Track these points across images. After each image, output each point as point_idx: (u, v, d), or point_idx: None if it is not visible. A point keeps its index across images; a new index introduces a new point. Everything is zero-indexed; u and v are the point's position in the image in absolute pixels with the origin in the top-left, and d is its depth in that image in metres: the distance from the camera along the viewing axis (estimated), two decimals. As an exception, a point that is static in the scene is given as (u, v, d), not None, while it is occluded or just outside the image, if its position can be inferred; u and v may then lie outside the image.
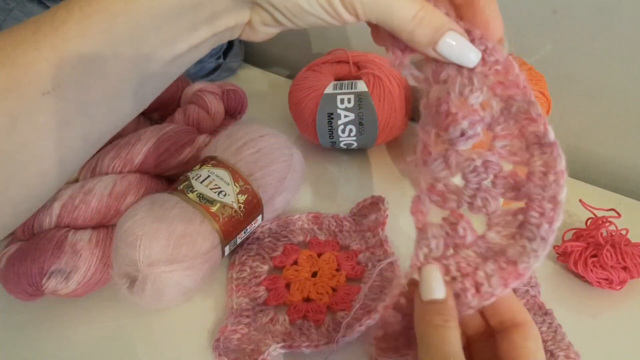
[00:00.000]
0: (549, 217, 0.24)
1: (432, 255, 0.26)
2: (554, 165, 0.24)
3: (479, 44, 0.26)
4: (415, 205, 0.27)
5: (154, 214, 0.41)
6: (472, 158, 0.25)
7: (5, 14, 0.49)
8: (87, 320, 0.43)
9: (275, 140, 0.48)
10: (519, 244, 0.24)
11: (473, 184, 0.26)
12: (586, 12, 0.50)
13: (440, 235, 0.26)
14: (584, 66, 0.53)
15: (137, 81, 0.27)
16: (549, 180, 0.24)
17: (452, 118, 0.25)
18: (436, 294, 0.24)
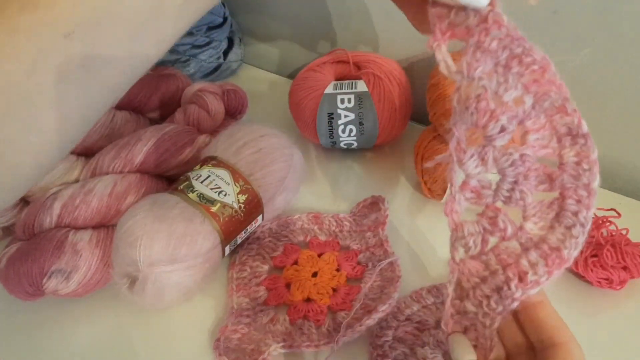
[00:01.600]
0: (586, 204, 0.25)
1: (471, 253, 0.26)
2: (588, 155, 0.25)
3: (517, 45, 0.26)
4: (450, 205, 0.27)
5: (155, 214, 0.41)
6: (510, 152, 0.26)
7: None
8: (87, 320, 0.43)
9: (275, 140, 0.48)
10: (559, 232, 0.25)
11: (511, 178, 0.26)
12: (586, 12, 0.50)
13: (478, 232, 0.26)
14: (584, 66, 0.53)
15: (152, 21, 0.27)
16: (583, 168, 0.25)
17: (491, 115, 0.25)
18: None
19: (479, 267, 0.26)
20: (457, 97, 0.27)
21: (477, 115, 0.26)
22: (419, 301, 0.43)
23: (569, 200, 0.25)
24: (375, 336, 0.40)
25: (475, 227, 0.26)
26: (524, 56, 0.26)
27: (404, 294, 0.43)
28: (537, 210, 0.26)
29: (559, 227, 0.25)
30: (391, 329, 0.41)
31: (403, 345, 0.39)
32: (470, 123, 0.26)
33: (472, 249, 0.26)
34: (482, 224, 0.26)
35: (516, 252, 0.25)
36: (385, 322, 0.41)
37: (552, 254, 0.25)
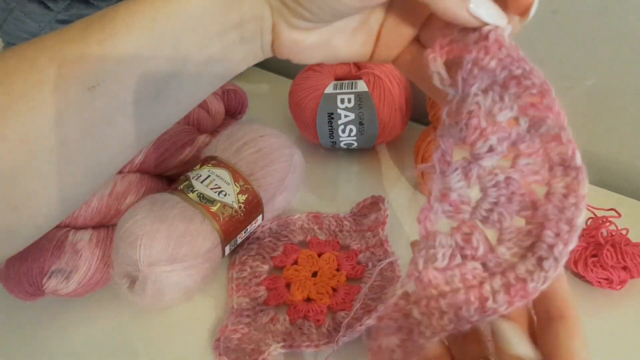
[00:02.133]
0: (565, 238, 0.24)
1: (436, 265, 0.25)
2: (576, 189, 0.24)
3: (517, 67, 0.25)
4: (425, 212, 0.26)
5: (155, 214, 0.41)
6: (495, 173, 0.25)
7: (6, 14, 0.49)
8: (87, 320, 0.43)
9: (275, 140, 0.48)
10: (529, 262, 0.24)
11: (491, 199, 0.25)
12: (586, 12, 0.50)
13: (449, 246, 0.25)
14: (585, 66, 0.53)
15: (174, 83, 0.28)
16: (569, 202, 0.24)
17: (481, 133, 0.25)
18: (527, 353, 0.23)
19: (440, 280, 0.25)
20: (447, 110, 0.27)
21: (467, 132, 0.25)
22: (419, 301, 0.43)
23: (547, 231, 0.24)
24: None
25: (448, 240, 0.26)
26: (523, 78, 0.25)
27: (404, 294, 0.43)
28: (513, 236, 0.25)
29: (530, 257, 0.24)
30: (391, 329, 0.41)
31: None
32: (459, 138, 0.26)
33: (439, 261, 0.25)
34: (455, 239, 0.25)
35: (482, 275, 0.25)
36: (385, 322, 0.41)
37: (517, 284, 0.24)
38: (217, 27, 0.27)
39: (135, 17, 0.26)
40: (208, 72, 0.29)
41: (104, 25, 0.26)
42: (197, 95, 0.30)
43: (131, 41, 0.26)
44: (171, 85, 0.28)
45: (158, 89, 0.27)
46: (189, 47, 0.27)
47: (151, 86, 0.27)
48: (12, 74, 0.25)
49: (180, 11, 0.26)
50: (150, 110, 0.28)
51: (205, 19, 0.26)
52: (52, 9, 0.49)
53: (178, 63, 0.27)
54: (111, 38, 0.25)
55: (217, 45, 0.27)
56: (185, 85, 0.28)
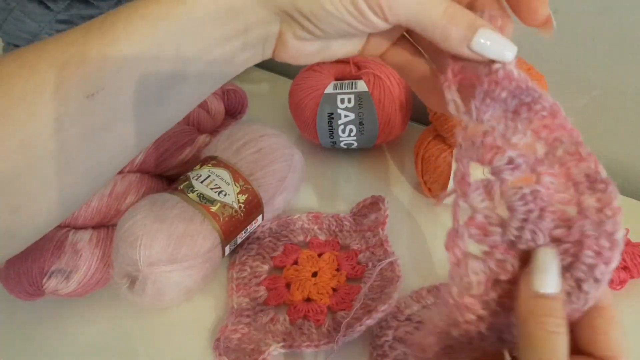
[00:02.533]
0: (607, 257, 0.22)
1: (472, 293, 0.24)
2: (610, 201, 0.23)
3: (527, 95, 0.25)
4: (452, 239, 0.25)
5: (155, 214, 0.41)
6: (520, 186, 0.24)
7: (6, 14, 0.49)
8: (87, 320, 0.43)
9: (275, 140, 0.48)
10: (567, 283, 0.23)
11: (520, 214, 0.24)
12: (586, 12, 0.50)
13: (483, 273, 0.24)
14: (584, 66, 0.53)
15: (175, 89, 0.28)
16: (606, 215, 0.23)
17: (497, 150, 0.24)
18: (552, 286, 0.22)
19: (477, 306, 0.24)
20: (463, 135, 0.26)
21: (483, 150, 0.25)
22: (419, 301, 0.43)
23: (587, 251, 0.22)
24: (375, 336, 0.40)
25: (481, 266, 0.24)
26: (533, 104, 0.25)
27: (404, 294, 0.43)
28: None
29: (569, 278, 0.23)
30: (391, 329, 0.41)
31: (403, 345, 0.39)
32: (476, 158, 0.25)
33: (475, 289, 0.24)
34: (488, 265, 0.24)
35: None
36: (385, 322, 0.41)
37: None
38: (220, 33, 0.26)
39: (136, 23, 0.26)
40: (208, 76, 0.29)
41: (105, 31, 0.26)
42: (197, 98, 0.30)
43: (132, 47, 0.26)
44: (172, 90, 0.28)
45: (158, 93, 0.27)
46: (190, 53, 0.27)
47: (152, 91, 0.27)
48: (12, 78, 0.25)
49: (183, 17, 0.26)
50: (150, 114, 0.28)
51: (209, 26, 0.26)
52: (52, 9, 0.49)
53: (179, 68, 0.27)
54: (112, 44, 0.25)
55: (219, 51, 0.27)
56: (185, 90, 0.28)
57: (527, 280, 0.23)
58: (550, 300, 0.22)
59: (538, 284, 0.22)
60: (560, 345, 0.21)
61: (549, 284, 0.22)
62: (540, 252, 0.23)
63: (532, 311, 0.22)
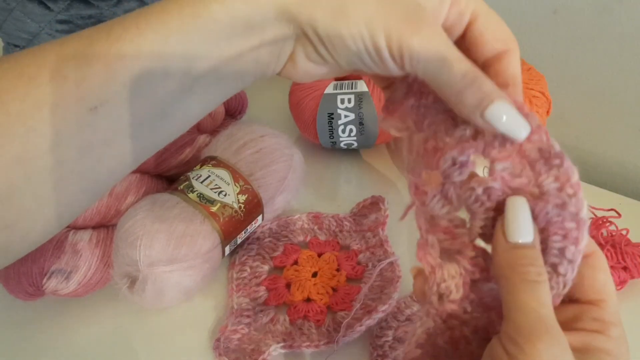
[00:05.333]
0: (574, 237, 0.22)
1: (451, 298, 0.24)
2: (568, 178, 0.22)
3: None
4: (422, 249, 0.25)
5: (155, 214, 0.41)
6: (472, 187, 0.23)
7: (6, 14, 0.49)
8: (87, 320, 0.43)
9: (275, 140, 0.48)
10: None
11: (480, 214, 0.23)
12: (586, 12, 0.50)
13: (458, 274, 0.24)
14: (584, 66, 0.53)
15: (181, 103, 0.27)
16: (567, 194, 0.22)
17: (440, 152, 0.24)
18: (527, 235, 0.22)
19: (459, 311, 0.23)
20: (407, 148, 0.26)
21: (427, 157, 0.24)
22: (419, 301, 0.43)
23: (553, 237, 0.22)
24: (375, 336, 0.40)
25: (456, 269, 0.24)
26: None
27: (404, 294, 0.43)
28: None
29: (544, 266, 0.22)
30: (391, 329, 0.41)
31: (403, 345, 0.39)
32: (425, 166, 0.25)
33: (454, 293, 0.23)
34: (462, 265, 0.24)
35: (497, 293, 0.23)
36: (385, 322, 0.41)
37: None
38: (234, 50, 0.26)
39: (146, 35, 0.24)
40: (217, 91, 0.28)
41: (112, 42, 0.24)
42: (201, 113, 0.29)
43: (140, 60, 0.24)
44: (177, 104, 0.27)
45: (164, 108, 0.26)
46: (201, 69, 0.26)
47: (157, 105, 0.26)
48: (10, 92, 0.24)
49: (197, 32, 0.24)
50: (153, 129, 0.27)
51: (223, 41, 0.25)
52: (52, 9, 0.49)
53: (187, 84, 0.26)
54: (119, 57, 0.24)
55: (231, 67, 0.26)
56: (191, 105, 0.27)
57: (501, 232, 0.22)
58: (528, 249, 0.22)
59: (513, 234, 0.22)
60: (545, 294, 0.21)
61: (524, 232, 0.22)
62: (511, 202, 0.23)
63: (510, 263, 0.22)
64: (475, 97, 0.23)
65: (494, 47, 0.26)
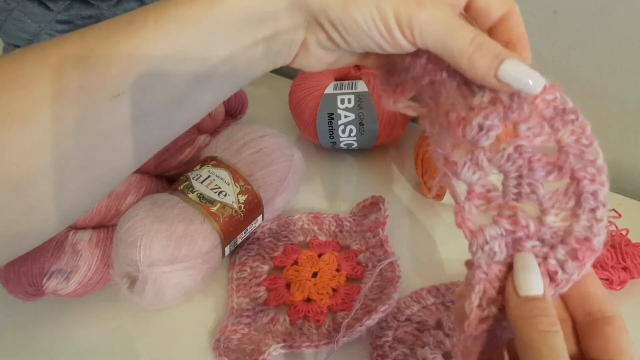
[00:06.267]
0: (600, 181, 0.23)
1: (497, 259, 0.24)
2: (583, 130, 0.24)
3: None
4: (460, 215, 0.25)
5: (155, 214, 0.41)
6: (503, 147, 0.25)
7: (6, 14, 0.49)
8: (87, 320, 0.43)
9: (275, 140, 0.48)
10: (584, 219, 0.23)
11: (513, 173, 0.25)
12: (586, 12, 0.50)
13: (500, 235, 0.24)
14: (584, 66, 0.53)
15: (196, 92, 0.28)
16: (583, 144, 0.24)
17: (465, 121, 0.25)
18: (536, 288, 0.23)
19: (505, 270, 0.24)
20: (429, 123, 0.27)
21: (452, 128, 0.25)
22: (419, 301, 0.43)
23: (583, 181, 0.23)
24: (375, 336, 0.40)
25: (497, 230, 0.24)
26: None
27: (404, 294, 0.43)
28: (555, 201, 0.24)
29: (583, 214, 0.23)
30: (391, 329, 0.41)
31: (403, 345, 0.39)
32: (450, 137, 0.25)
33: (498, 254, 0.24)
34: (502, 226, 0.24)
35: (543, 250, 0.24)
36: (385, 323, 0.41)
37: (582, 246, 0.23)
38: (248, 39, 0.26)
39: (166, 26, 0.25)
40: (231, 80, 0.28)
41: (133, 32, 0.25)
42: (213, 102, 0.30)
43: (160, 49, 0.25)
44: (192, 93, 0.27)
45: (179, 98, 0.27)
46: (217, 58, 0.26)
47: (173, 96, 0.27)
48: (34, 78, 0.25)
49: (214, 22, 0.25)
50: (168, 118, 0.28)
51: (238, 31, 0.26)
52: (52, 9, 0.49)
53: (203, 73, 0.27)
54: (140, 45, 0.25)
55: (245, 56, 0.27)
56: (205, 93, 0.28)
57: (512, 286, 0.23)
58: (538, 301, 0.22)
59: (524, 288, 0.23)
60: (557, 343, 0.21)
61: (534, 286, 0.23)
62: (519, 257, 0.24)
63: (523, 315, 0.22)
64: (486, 59, 0.24)
65: (497, 10, 0.27)
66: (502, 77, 0.24)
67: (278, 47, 0.27)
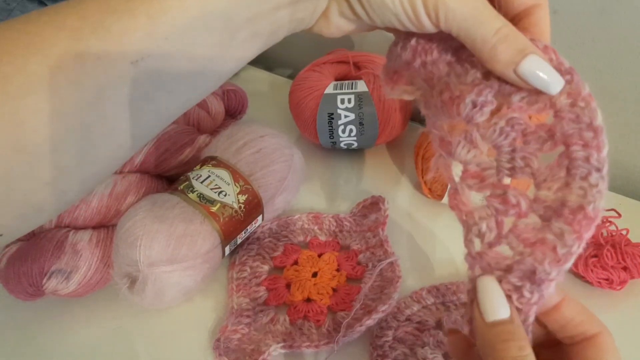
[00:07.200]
0: (595, 145, 0.22)
1: (487, 240, 0.24)
2: (579, 92, 0.23)
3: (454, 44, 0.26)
4: (453, 197, 0.25)
5: (155, 214, 0.41)
6: (494, 122, 0.24)
7: (6, 14, 0.49)
8: (87, 320, 0.43)
9: (275, 140, 0.48)
10: (576, 187, 0.22)
11: (506, 147, 0.24)
12: (586, 12, 0.50)
13: (490, 215, 0.24)
14: (584, 66, 0.53)
15: (219, 57, 0.27)
16: (579, 107, 0.23)
17: (458, 99, 0.24)
18: (502, 312, 0.22)
19: (499, 256, 0.23)
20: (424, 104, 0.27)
21: (446, 106, 0.25)
22: (419, 301, 0.43)
23: (573, 147, 0.22)
24: (375, 336, 0.40)
25: (486, 211, 0.24)
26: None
27: (404, 294, 0.43)
28: (548, 173, 0.23)
29: (574, 182, 0.22)
30: (391, 329, 0.41)
31: (403, 345, 0.39)
32: (445, 117, 0.25)
33: (488, 234, 0.23)
34: (492, 205, 0.24)
35: (537, 227, 0.23)
36: (385, 323, 0.41)
37: (577, 215, 0.22)
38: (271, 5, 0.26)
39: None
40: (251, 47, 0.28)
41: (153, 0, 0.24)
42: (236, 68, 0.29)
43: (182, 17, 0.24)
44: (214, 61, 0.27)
45: (202, 64, 0.26)
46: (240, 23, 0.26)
47: (196, 62, 0.26)
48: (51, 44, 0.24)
49: None
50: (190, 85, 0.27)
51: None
52: (52, 9, 0.49)
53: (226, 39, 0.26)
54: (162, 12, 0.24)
55: (268, 21, 0.26)
56: (227, 61, 0.27)
57: (478, 312, 0.23)
58: (506, 325, 0.22)
59: (489, 314, 0.22)
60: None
61: (499, 309, 0.22)
62: (481, 282, 0.23)
63: (490, 341, 0.22)
64: (508, 53, 0.23)
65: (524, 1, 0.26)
66: (521, 73, 0.23)
67: (300, 13, 0.27)
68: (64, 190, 0.27)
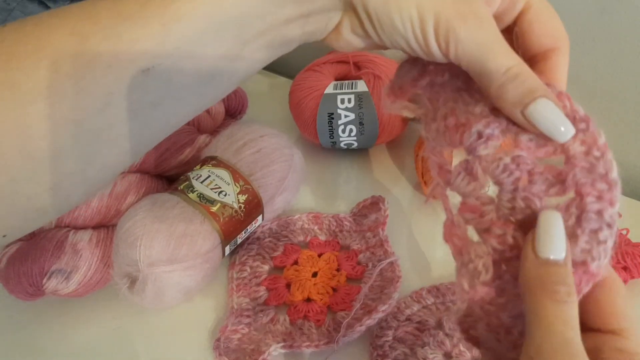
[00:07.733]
0: (609, 198, 0.21)
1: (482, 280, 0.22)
2: (595, 140, 0.22)
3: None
4: (448, 229, 0.24)
5: (155, 214, 0.41)
6: (500, 157, 0.22)
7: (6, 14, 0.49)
8: (87, 320, 0.43)
9: (275, 140, 0.48)
10: (582, 240, 0.21)
11: (508, 186, 0.22)
12: (586, 12, 0.50)
13: (487, 253, 0.22)
14: (584, 66, 0.53)
15: (229, 67, 0.27)
16: (595, 156, 0.22)
17: (464, 127, 0.23)
18: (559, 252, 0.20)
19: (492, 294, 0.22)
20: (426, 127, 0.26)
21: (449, 133, 0.24)
22: (419, 301, 0.43)
23: (588, 197, 0.21)
24: (375, 336, 0.40)
25: (483, 248, 0.22)
26: None
27: (404, 294, 0.43)
28: None
29: (582, 235, 0.21)
30: (391, 329, 0.41)
31: (403, 345, 0.39)
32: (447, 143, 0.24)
33: (483, 274, 0.22)
34: (490, 244, 0.22)
35: None
36: (385, 322, 0.41)
37: (578, 270, 0.21)
38: (284, 16, 0.25)
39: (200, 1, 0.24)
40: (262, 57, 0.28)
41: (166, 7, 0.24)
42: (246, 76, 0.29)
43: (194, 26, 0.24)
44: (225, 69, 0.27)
45: (211, 72, 0.26)
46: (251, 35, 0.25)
47: (205, 71, 0.26)
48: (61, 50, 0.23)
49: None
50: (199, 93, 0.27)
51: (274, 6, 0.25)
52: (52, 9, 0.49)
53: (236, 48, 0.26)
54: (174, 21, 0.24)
55: (279, 34, 0.26)
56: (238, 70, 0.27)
57: (531, 247, 0.21)
58: (560, 267, 0.20)
59: (545, 250, 0.20)
60: (573, 317, 0.20)
61: (557, 249, 0.20)
62: (544, 215, 0.21)
63: (540, 281, 0.20)
64: (517, 93, 0.22)
65: (543, 42, 0.25)
66: (530, 116, 0.22)
67: (312, 26, 0.27)
68: (67, 195, 0.27)
